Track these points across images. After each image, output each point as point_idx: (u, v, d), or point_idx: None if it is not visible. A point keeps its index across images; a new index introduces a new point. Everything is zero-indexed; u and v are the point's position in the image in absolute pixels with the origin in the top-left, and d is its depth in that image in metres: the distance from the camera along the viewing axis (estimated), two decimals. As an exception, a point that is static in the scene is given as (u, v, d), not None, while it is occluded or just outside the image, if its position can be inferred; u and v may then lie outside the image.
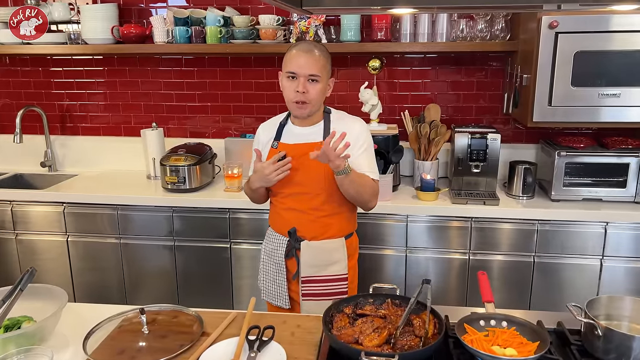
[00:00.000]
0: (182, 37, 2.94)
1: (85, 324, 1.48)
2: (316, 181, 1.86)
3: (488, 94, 3.04)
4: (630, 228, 2.51)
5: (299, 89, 1.78)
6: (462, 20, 2.76)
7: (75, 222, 2.87)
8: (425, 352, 1.24)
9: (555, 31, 2.34)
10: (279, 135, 1.94)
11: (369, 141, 1.92)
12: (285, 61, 1.83)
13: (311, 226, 1.90)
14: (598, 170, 2.60)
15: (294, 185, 1.88)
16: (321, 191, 1.87)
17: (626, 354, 1.21)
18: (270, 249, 2.00)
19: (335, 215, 1.91)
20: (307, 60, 1.78)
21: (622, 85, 2.38)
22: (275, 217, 2.00)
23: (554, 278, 2.59)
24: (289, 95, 1.82)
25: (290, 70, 1.79)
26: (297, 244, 1.91)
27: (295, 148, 1.87)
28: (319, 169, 1.83)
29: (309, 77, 1.78)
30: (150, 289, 2.90)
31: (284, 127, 1.96)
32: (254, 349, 1.33)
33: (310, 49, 1.81)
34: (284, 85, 1.85)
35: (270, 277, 2.01)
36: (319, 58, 1.80)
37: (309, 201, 1.88)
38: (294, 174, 1.85)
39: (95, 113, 3.39)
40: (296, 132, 1.92)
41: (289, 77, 1.81)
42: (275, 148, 1.92)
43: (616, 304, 1.38)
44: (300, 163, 1.85)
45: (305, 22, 2.82)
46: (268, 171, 1.79)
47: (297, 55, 1.79)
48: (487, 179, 2.70)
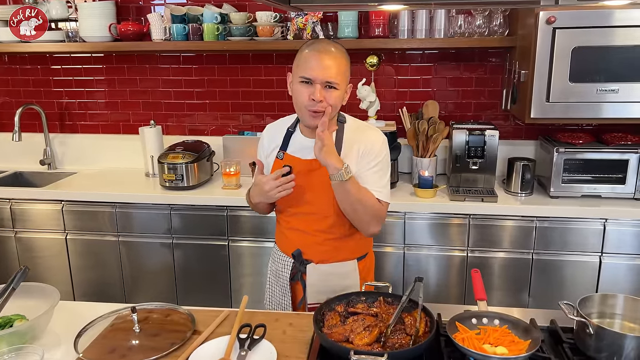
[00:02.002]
0: (179, 34, 2.93)
1: (78, 322, 1.48)
2: (325, 201, 1.65)
3: (487, 90, 3.02)
4: (629, 225, 2.49)
5: (315, 97, 1.53)
6: (460, 16, 2.74)
7: (74, 220, 2.87)
8: (415, 351, 1.24)
9: (553, 27, 2.32)
10: (286, 145, 1.72)
11: (384, 158, 1.68)
12: (299, 63, 1.59)
13: (318, 249, 1.71)
14: (597, 166, 2.58)
15: (301, 205, 1.68)
16: (330, 213, 1.66)
17: (618, 352, 1.20)
18: (275, 269, 1.83)
19: (346, 238, 1.71)
20: (325, 64, 1.53)
21: (620, 81, 2.36)
22: (279, 236, 1.82)
23: (552, 275, 2.57)
24: (303, 101, 1.57)
25: (304, 75, 1.55)
26: (302, 267, 1.72)
27: (304, 163, 1.66)
28: (329, 188, 1.60)
29: (325, 84, 1.54)
30: (149, 287, 2.91)
31: (291, 135, 1.72)
32: (244, 348, 1.33)
33: (328, 50, 1.56)
34: (296, 89, 1.59)
35: (276, 300, 1.83)
36: (339, 62, 1.56)
37: (316, 223, 1.69)
38: (301, 191, 1.65)
39: (94, 111, 3.39)
40: (306, 144, 1.67)
41: (303, 82, 1.56)
42: (280, 159, 1.70)
43: (609, 302, 1.37)
44: (309, 180, 1.65)
45: (303, 19, 2.81)
46: (268, 187, 1.59)
47: (313, 57, 1.54)
48: (485, 175, 2.68)
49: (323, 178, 1.60)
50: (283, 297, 1.80)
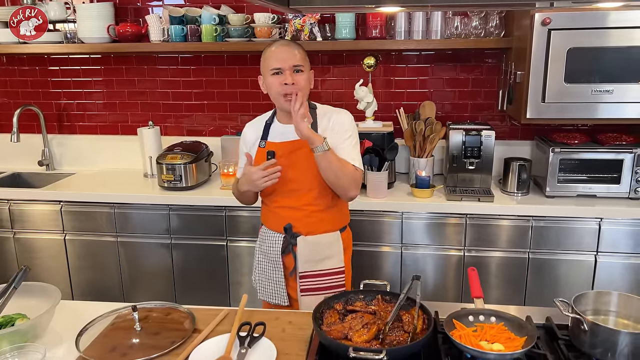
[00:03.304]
0: (177, 35, 2.94)
1: (79, 321, 1.50)
2: (309, 176, 1.87)
3: (483, 90, 3.04)
4: (624, 224, 2.51)
5: (287, 81, 1.78)
6: (456, 17, 2.76)
7: (73, 221, 2.88)
8: (413, 348, 1.25)
9: (548, 28, 2.35)
10: (266, 135, 1.94)
11: (354, 131, 1.93)
12: (266, 60, 1.84)
13: (306, 221, 1.90)
14: (592, 166, 2.61)
15: (287, 183, 1.88)
16: (314, 186, 1.88)
17: (612, 348, 1.22)
18: (265, 247, 1.99)
19: (330, 209, 1.93)
20: (287, 52, 1.80)
21: (615, 82, 2.39)
22: (268, 215, 2.00)
23: (548, 274, 2.60)
24: (277, 89, 1.82)
25: (274, 66, 1.80)
26: (293, 240, 1.91)
27: (284, 146, 1.88)
28: (310, 164, 1.84)
29: (293, 68, 1.80)
30: (148, 287, 2.92)
31: (270, 126, 1.96)
32: (244, 345, 1.35)
33: (286, 43, 1.85)
34: (269, 82, 1.84)
35: (267, 275, 2.00)
36: (299, 50, 1.83)
37: (302, 197, 1.89)
38: (286, 171, 1.85)
39: (92, 112, 3.40)
40: (283, 130, 1.91)
41: (274, 74, 1.81)
42: (262, 147, 1.92)
43: (604, 299, 1.39)
44: (291, 160, 1.86)
45: (300, 20, 2.83)
46: (256, 176, 1.79)
47: (276, 51, 1.82)
48: (481, 175, 2.70)
49: (304, 156, 1.83)
50: (274, 271, 1.97)
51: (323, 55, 3.10)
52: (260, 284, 2.04)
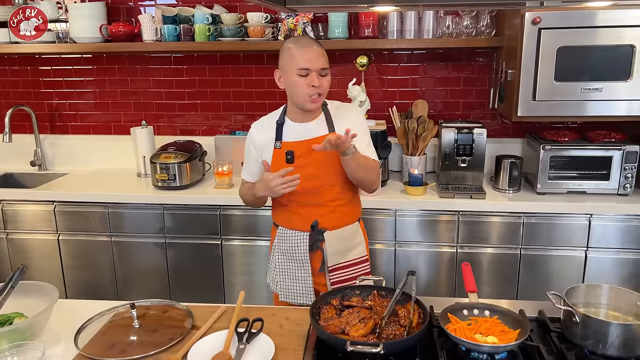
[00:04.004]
0: (170, 35, 2.95)
1: (77, 319, 1.50)
2: (331, 172, 1.88)
3: (475, 89, 3.07)
4: (614, 220, 2.56)
5: (315, 84, 1.77)
6: (448, 16, 2.79)
7: (66, 221, 2.88)
8: (409, 341, 1.27)
9: (538, 27, 2.38)
10: (280, 135, 1.90)
11: (366, 125, 1.98)
12: (293, 59, 1.79)
13: (331, 216, 1.91)
14: (582, 163, 2.65)
15: (310, 181, 1.86)
16: (337, 182, 1.89)
17: (603, 339, 1.25)
18: (287, 248, 1.96)
19: (350, 201, 1.96)
20: (315, 54, 1.78)
21: (604, 80, 2.43)
22: (288, 216, 1.95)
23: (540, 269, 2.63)
24: (304, 90, 1.79)
25: (302, 67, 1.77)
26: (320, 236, 1.91)
27: (302, 145, 1.86)
28: (332, 160, 1.85)
29: (321, 71, 1.79)
30: (142, 287, 2.92)
31: (282, 125, 1.91)
32: (243, 341, 1.36)
33: (311, 43, 1.81)
34: (293, 81, 1.80)
35: (291, 276, 1.97)
36: (323, 52, 1.81)
37: (326, 193, 1.89)
38: (307, 170, 1.84)
39: (85, 112, 3.39)
40: (298, 129, 1.89)
41: (301, 75, 1.78)
42: (279, 148, 1.89)
43: (594, 292, 1.43)
44: (311, 159, 1.85)
45: (293, 20, 2.85)
46: (274, 184, 1.76)
47: (304, 51, 1.78)
48: (473, 173, 2.74)
49: (324, 153, 1.81)
50: (300, 270, 1.95)
51: (316, 54, 3.11)
52: (282, 286, 1.99)
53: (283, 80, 1.85)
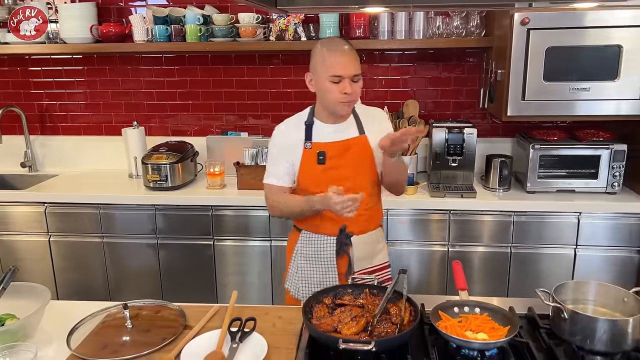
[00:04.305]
0: (161, 35, 2.94)
1: (69, 320, 1.50)
2: (361, 174, 1.87)
3: (465, 89, 3.10)
4: (602, 218, 2.59)
5: (348, 91, 1.74)
6: (438, 17, 2.81)
7: (57, 222, 2.87)
8: (401, 338, 1.29)
9: (527, 27, 2.41)
10: (310, 135, 1.87)
11: (392, 128, 1.99)
12: (326, 64, 1.76)
13: (359, 220, 1.87)
14: (571, 162, 2.68)
15: (342, 182, 1.80)
16: (367, 184, 1.89)
17: (591, 335, 1.27)
18: (312, 252, 1.92)
19: (375, 205, 1.96)
20: (348, 61, 1.75)
21: (592, 80, 2.46)
22: (317, 220, 1.89)
23: (530, 267, 2.66)
24: (335, 97, 1.76)
25: (335, 74, 1.74)
26: (348, 241, 1.87)
27: (335, 146, 1.85)
28: (365, 162, 1.86)
29: (354, 78, 1.76)
30: (134, 287, 2.92)
31: (312, 126, 1.88)
32: (235, 340, 1.37)
33: (344, 48, 1.77)
34: (325, 87, 1.77)
35: (315, 281, 1.92)
36: (356, 57, 1.78)
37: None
38: (340, 172, 1.84)
39: (76, 112, 3.38)
40: (329, 130, 1.87)
41: (333, 81, 1.75)
42: (309, 149, 1.85)
43: (582, 289, 1.45)
44: (344, 160, 1.85)
45: (285, 20, 2.85)
46: (340, 207, 1.66)
47: (337, 56, 1.75)
48: (464, 172, 2.76)
49: (356, 155, 1.84)
50: (326, 275, 1.91)
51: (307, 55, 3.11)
52: (304, 292, 1.93)
53: (314, 83, 1.83)
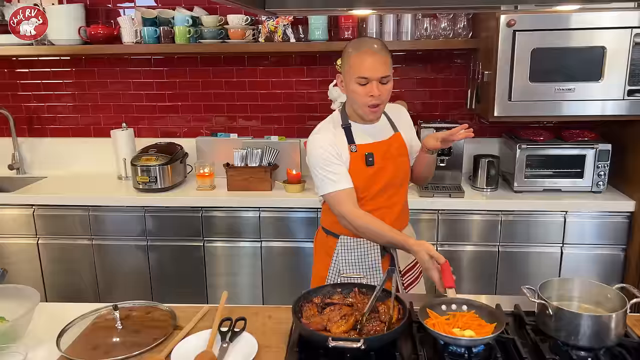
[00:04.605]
0: (150, 37, 2.94)
1: (59, 322, 1.50)
2: (401, 172, 1.90)
3: (453, 90, 3.13)
4: (588, 216, 2.63)
5: (374, 93, 1.71)
6: (426, 19, 2.84)
7: (46, 225, 2.85)
8: (389, 336, 1.31)
9: (513, 29, 2.44)
10: (352, 139, 1.83)
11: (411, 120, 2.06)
12: (353, 66, 1.73)
13: (400, 217, 1.92)
14: (557, 162, 2.72)
15: (390, 181, 1.85)
16: (405, 181, 1.93)
17: (575, 330, 1.29)
18: (356, 256, 1.89)
19: (405, 203, 1.98)
20: (377, 62, 1.70)
21: (576, 81, 2.49)
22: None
23: (517, 266, 2.69)
24: (362, 100, 1.74)
25: (362, 75, 1.70)
26: None
27: (379, 146, 1.84)
28: (403, 159, 1.90)
29: (381, 80, 1.72)
30: (124, 290, 2.91)
31: (350, 128, 1.84)
32: (226, 340, 1.38)
33: (373, 48, 1.72)
34: (353, 90, 1.74)
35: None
36: (386, 58, 1.73)
37: (395, 195, 1.89)
38: (388, 171, 1.85)
39: (64, 114, 3.36)
40: (368, 131, 1.85)
41: (360, 83, 1.72)
42: (354, 152, 1.81)
43: (567, 286, 1.47)
44: (388, 159, 1.85)
45: (274, 22, 2.86)
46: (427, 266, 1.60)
47: (365, 58, 1.71)
48: (452, 172, 2.79)
49: (396, 153, 1.87)
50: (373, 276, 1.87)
51: (297, 56, 3.14)
52: None
53: (344, 84, 1.81)
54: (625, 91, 2.47)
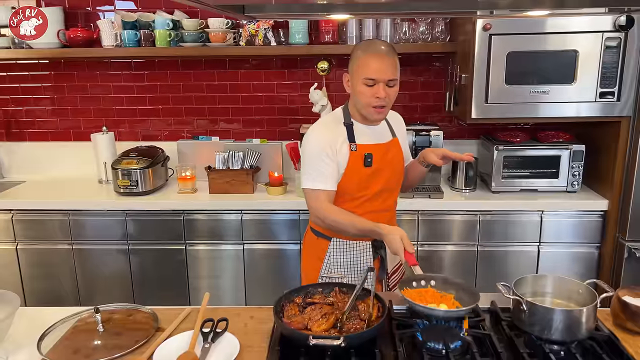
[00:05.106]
0: (130, 40, 2.94)
1: (39, 326, 1.49)
2: (396, 176, 1.93)
3: (432, 93, 3.18)
4: (564, 216, 2.70)
5: (380, 95, 1.72)
6: (404, 23, 2.88)
7: (25, 229, 2.82)
8: (369, 333, 1.33)
9: (489, 33, 2.49)
10: (352, 137, 1.83)
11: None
12: (360, 67, 1.74)
13: (391, 221, 1.93)
14: (533, 162, 2.79)
15: (381, 184, 1.85)
16: (397, 186, 1.95)
17: (548, 325, 1.34)
18: (348, 259, 1.91)
19: (395, 208, 2.00)
20: (384, 64, 1.71)
21: (551, 83, 2.56)
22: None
23: (496, 264, 2.75)
24: (368, 100, 1.75)
25: (369, 77, 1.71)
26: (382, 243, 1.83)
27: (378, 148, 1.85)
28: (399, 164, 1.93)
29: (388, 82, 1.73)
30: (105, 295, 2.89)
31: (352, 127, 1.85)
32: (208, 341, 1.39)
33: (382, 50, 1.73)
34: (359, 90, 1.75)
35: None
36: (394, 61, 1.74)
37: (389, 198, 1.91)
38: (385, 174, 1.86)
39: (43, 118, 3.33)
40: (369, 132, 1.86)
41: (367, 84, 1.73)
42: (354, 150, 1.81)
43: (540, 282, 1.52)
44: (386, 161, 1.86)
45: (255, 26, 2.89)
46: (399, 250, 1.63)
47: (373, 60, 1.72)
48: (431, 173, 2.83)
49: (394, 156, 1.89)
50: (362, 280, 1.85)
51: (278, 59, 3.17)
52: None
53: (350, 84, 1.81)
54: (598, 93, 2.55)
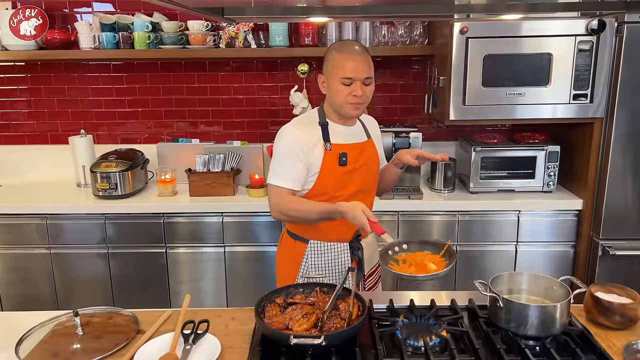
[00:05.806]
0: (109, 42, 2.91)
1: (17, 330, 1.47)
2: (373, 177, 1.94)
3: (411, 95, 3.22)
4: (540, 215, 2.76)
5: (358, 93, 1.76)
6: (383, 26, 2.92)
7: (1, 234, 2.78)
8: (349, 332, 1.35)
9: (466, 36, 2.54)
10: (327, 136, 1.84)
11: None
12: (336, 66, 1.76)
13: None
14: (510, 163, 2.84)
15: (357, 184, 1.85)
16: (374, 187, 1.97)
17: (524, 321, 1.37)
18: (326, 261, 1.90)
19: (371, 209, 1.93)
20: (360, 64, 1.75)
21: (526, 85, 2.61)
22: (330, 227, 1.86)
23: (475, 264, 2.79)
24: (345, 98, 1.77)
25: (346, 76, 1.74)
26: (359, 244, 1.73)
27: (353, 148, 1.86)
28: (374, 165, 1.94)
29: (365, 80, 1.77)
30: (84, 299, 2.85)
31: (327, 126, 1.86)
32: (189, 342, 1.39)
33: (356, 50, 1.78)
34: (336, 89, 1.77)
35: None
36: (368, 59, 1.78)
37: (365, 199, 1.86)
38: (360, 175, 1.86)
39: (19, 121, 3.28)
40: (345, 131, 1.88)
41: (344, 83, 1.76)
42: (329, 150, 1.81)
43: (516, 279, 1.56)
44: (362, 162, 1.87)
45: (234, 28, 2.89)
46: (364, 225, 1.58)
47: (349, 59, 1.75)
48: (411, 175, 2.86)
49: (369, 157, 1.90)
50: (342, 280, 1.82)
51: (258, 62, 3.17)
52: None
53: (326, 85, 1.83)
54: (571, 95, 2.61)
